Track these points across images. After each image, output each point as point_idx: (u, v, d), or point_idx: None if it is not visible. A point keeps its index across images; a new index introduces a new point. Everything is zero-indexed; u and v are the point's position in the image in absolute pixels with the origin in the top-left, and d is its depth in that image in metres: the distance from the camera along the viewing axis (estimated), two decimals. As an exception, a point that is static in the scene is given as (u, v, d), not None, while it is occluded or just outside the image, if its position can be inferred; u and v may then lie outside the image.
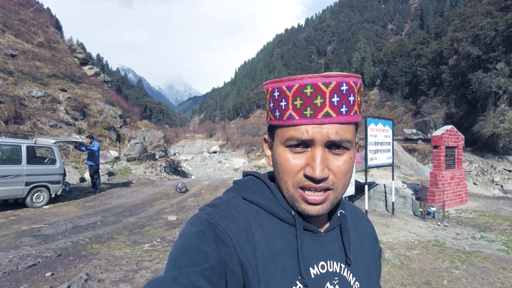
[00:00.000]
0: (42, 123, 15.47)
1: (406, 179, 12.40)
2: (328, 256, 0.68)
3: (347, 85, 0.60)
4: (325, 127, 0.59)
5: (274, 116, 0.64)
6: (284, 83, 0.61)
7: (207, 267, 0.53)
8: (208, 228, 0.59)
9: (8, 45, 20.14)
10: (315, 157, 0.59)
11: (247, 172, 0.78)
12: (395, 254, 4.88)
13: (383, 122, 7.36)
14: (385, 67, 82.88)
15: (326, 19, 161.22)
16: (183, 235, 0.59)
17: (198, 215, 0.64)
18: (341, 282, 0.68)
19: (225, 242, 0.59)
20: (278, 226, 0.66)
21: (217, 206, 0.65)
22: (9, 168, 7.41)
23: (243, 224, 0.63)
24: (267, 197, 0.69)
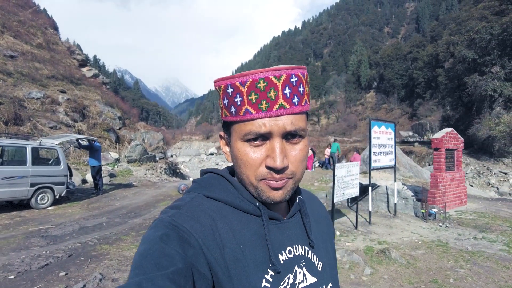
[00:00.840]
0: (42, 125, 15.44)
1: (405, 181, 12.54)
2: (293, 241, 0.71)
3: (296, 77, 0.63)
4: (281, 119, 0.62)
5: (229, 112, 0.64)
6: (236, 79, 0.62)
7: (173, 271, 0.52)
8: (172, 231, 0.58)
9: (7, 46, 20.08)
10: (275, 149, 0.62)
11: (206, 170, 0.77)
12: (400, 253, 4.98)
13: (386, 124, 7.48)
14: (381, 70, 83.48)
15: (323, 22, 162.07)
16: (146, 240, 0.57)
17: (161, 218, 0.62)
18: (307, 264, 0.72)
19: (191, 243, 0.58)
20: (244, 219, 0.67)
21: (180, 208, 0.65)
22: (15, 169, 7.43)
23: (209, 223, 0.63)
24: (230, 192, 0.69)
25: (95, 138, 10.40)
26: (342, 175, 5.82)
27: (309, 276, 0.71)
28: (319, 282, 0.73)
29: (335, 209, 8.20)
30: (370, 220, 6.89)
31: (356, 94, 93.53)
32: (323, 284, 0.73)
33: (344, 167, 5.93)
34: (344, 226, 6.64)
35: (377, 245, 5.46)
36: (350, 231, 6.32)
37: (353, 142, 54.19)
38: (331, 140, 57.07)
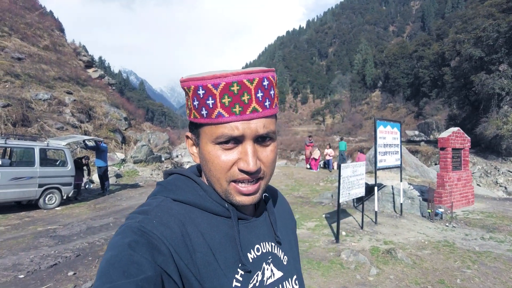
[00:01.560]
0: (49, 126, 15.61)
1: (411, 180, 12.46)
2: (260, 239, 0.72)
3: (268, 80, 0.64)
4: (254, 122, 0.62)
5: (200, 114, 0.63)
6: (208, 80, 0.60)
7: (142, 278, 0.50)
8: (141, 237, 0.56)
9: (14, 49, 20.32)
10: (247, 152, 0.62)
11: (171, 171, 0.76)
12: (407, 254, 4.97)
13: (392, 124, 7.45)
14: (386, 68, 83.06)
15: (327, 21, 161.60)
16: (114, 246, 0.55)
17: (128, 224, 0.59)
18: (274, 260, 0.73)
19: (161, 250, 0.57)
20: (214, 221, 0.67)
21: (148, 213, 0.62)
22: (23, 170, 7.53)
23: (178, 229, 0.61)
24: (198, 194, 0.68)
25: (101, 139, 10.52)
26: (347, 175, 5.81)
27: (276, 271, 0.73)
28: (285, 276, 0.75)
29: (341, 209, 8.19)
30: (376, 220, 6.87)
31: (361, 93, 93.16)
32: (288, 277, 0.76)
33: (349, 167, 5.91)
34: (350, 226, 6.63)
35: (383, 245, 5.45)
36: (356, 231, 6.31)
37: (358, 141, 53.99)
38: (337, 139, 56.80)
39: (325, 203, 9.10)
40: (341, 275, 4.19)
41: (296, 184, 12.34)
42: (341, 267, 4.41)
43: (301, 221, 7.14)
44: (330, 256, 4.88)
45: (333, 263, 4.58)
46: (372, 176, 10.75)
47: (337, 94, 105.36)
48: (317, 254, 5.00)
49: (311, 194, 10.58)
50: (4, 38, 20.93)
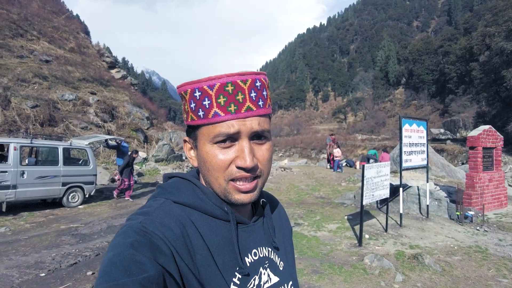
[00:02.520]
0: (74, 125, 16.07)
1: (437, 180, 11.96)
2: (258, 243, 0.74)
3: (260, 81, 0.67)
4: (249, 120, 0.64)
5: (197, 116, 0.65)
6: (204, 83, 0.64)
7: (145, 277, 0.50)
8: (143, 238, 0.57)
9: (43, 51, 21.08)
10: (244, 149, 0.64)
11: (170, 174, 0.77)
12: (435, 259, 4.69)
13: (418, 122, 7.12)
14: (410, 65, 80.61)
15: (349, 18, 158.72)
16: (116, 246, 0.55)
17: (130, 225, 0.60)
18: (270, 265, 0.75)
19: (162, 251, 0.57)
20: (213, 224, 0.68)
21: (149, 214, 0.63)
22: (48, 169, 7.72)
23: (179, 230, 0.62)
24: (198, 197, 0.69)
25: (122, 139, 10.66)
26: (371, 176, 5.57)
27: (272, 276, 0.75)
28: (281, 281, 0.76)
29: (364, 210, 7.91)
30: (401, 223, 6.58)
31: (384, 90, 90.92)
32: (284, 283, 0.77)
33: (373, 167, 5.67)
34: (373, 229, 6.38)
35: (408, 250, 5.18)
36: (380, 234, 6.05)
37: (381, 140, 52.77)
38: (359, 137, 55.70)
39: (347, 204, 8.84)
40: (365, 281, 3.99)
41: (316, 184, 12.09)
42: (364, 273, 4.21)
43: (322, 222, 6.94)
44: (352, 261, 4.68)
45: (356, 268, 4.38)
46: (396, 176, 10.38)
47: (359, 91, 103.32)
48: (339, 258, 4.81)
49: (333, 194, 10.32)
50: (33, 42, 21.75)
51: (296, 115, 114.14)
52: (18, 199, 7.26)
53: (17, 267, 4.29)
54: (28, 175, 7.27)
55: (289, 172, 14.31)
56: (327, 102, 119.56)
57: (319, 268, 4.39)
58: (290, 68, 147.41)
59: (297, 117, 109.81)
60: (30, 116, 14.43)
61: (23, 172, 7.20)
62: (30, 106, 14.96)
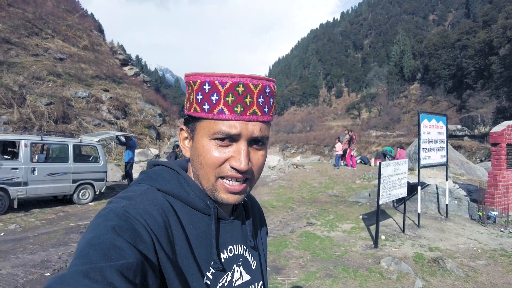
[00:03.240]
0: (87, 122, 16.18)
1: (456, 178, 11.50)
2: (234, 240, 0.75)
3: (269, 88, 0.67)
4: (251, 124, 0.64)
5: (201, 108, 0.64)
6: (216, 78, 0.63)
7: (123, 264, 0.48)
8: (125, 222, 0.55)
9: (57, 49, 21.31)
10: (241, 151, 0.63)
11: (156, 162, 0.76)
12: (457, 264, 4.40)
13: (437, 118, 6.77)
14: (426, 60, 78.74)
15: (362, 12, 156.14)
16: (96, 228, 0.53)
17: (113, 208, 0.58)
18: (244, 263, 0.76)
19: (143, 238, 0.55)
20: (193, 216, 0.68)
21: (133, 199, 0.62)
22: (58, 166, 7.70)
23: (161, 218, 0.61)
24: (183, 187, 0.69)
25: (132, 135, 10.56)
26: (388, 174, 5.29)
27: (244, 274, 0.75)
28: (252, 280, 0.77)
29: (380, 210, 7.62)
30: (419, 223, 6.27)
31: (399, 86, 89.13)
32: (255, 281, 0.78)
33: (390, 165, 5.39)
34: (390, 229, 6.10)
35: (428, 252, 4.90)
36: (397, 235, 5.77)
37: (396, 136, 51.81)
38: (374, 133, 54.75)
39: (362, 202, 8.55)
40: (381, 286, 3.75)
41: (330, 182, 11.81)
42: (381, 277, 3.96)
43: (335, 222, 6.69)
44: (368, 264, 4.44)
45: (372, 271, 4.13)
46: (413, 174, 10.00)
47: (373, 87, 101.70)
48: (354, 261, 4.58)
49: (347, 192, 10.03)
50: (48, 40, 22.02)
51: (309, 111, 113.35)
52: (29, 196, 7.26)
53: (23, 266, 4.22)
54: (38, 172, 7.26)
55: (301, 169, 14.05)
56: (341, 98, 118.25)
57: (333, 271, 4.17)
58: (303, 64, 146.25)
59: (310, 113, 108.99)
60: (45, 113, 14.57)
61: (34, 169, 7.19)
62: (44, 103, 15.12)
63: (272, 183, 11.74)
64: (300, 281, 3.89)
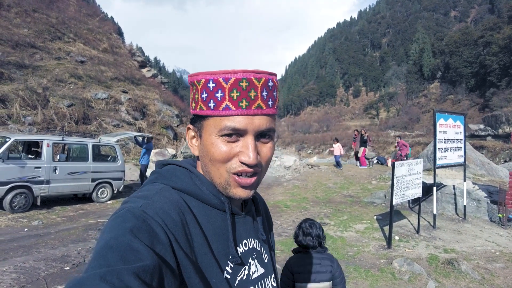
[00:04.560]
0: (106, 123, 16.63)
1: (476, 179, 11.18)
2: (247, 235, 0.76)
3: (272, 82, 0.68)
4: (257, 118, 0.65)
5: (207, 106, 0.65)
6: (219, 75, 0.64)
7: (140, 267, 0.48)
8: (142, 224, 0.55)
9: (78, 53, 22.00)
10: (248, 145, 0.65)
11: (165, 161, 0.77)
12: (473, 266, 4.31)
13: (454, 117, 6.63)
14: (447, 58, 76.58)
15: (380, 10, 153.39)
16: (113, 229, 0.53)
17: (130, 208, 0.58)
18: (257, 256, 0.78)
19: (160, 239, 0.55)
20: (209, 212, 0.68)
21: (149, 198, 0.62)
22: (78, 165, 7.98)
23: (178, 217, 0.61)
24: (196, 185, 0.69)
25: (150, 135, 10.79)
26: (402, 174, 5.23)
27: (259, 268, 0.77)
28: (266, 273, 0.79)
29: (395, 210, 7.52)
30: (434, 224, 6.16)
31: (418, 85, 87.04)
32: (268, 274, 0.80)
33: (404, 165, 5.32)
34: (404, 230, 6.02)
35: (442, 254, 4.81)
36: (411, 236, 5.69)
37: (415, 136, 50.64)
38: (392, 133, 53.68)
39: (377, 203, 8.45)
40: (393, 287, 3.72)
41: (345, 182, 11.71)
42: (393, 277, 3.93)
43: (349, 222, 6.65)
44: (380, 264, 4.41)
45: (384, 272, 4.11)
46: (430, 174, 9.79)
47: (391, 86, 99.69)
48: (366, 261, 4.55)
49: (362, 193, 9.93)
50: (69, 44, 22.77)
51: (326, 111, 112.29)
52: (51, 194, 7.55)
53: (44, 259, 4.42)
54: (60, 171, 7.55)
55: (316, 169, 13.98)
56: (358, 97, 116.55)
57: (344, 271, 4.16)
58: (319, 64, 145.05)
59: (327, 113, 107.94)
60: (66, 114, 15.08)
61: (55, 168, 7.48)
62: (66, 105, 15.65)
63: (287, 183, 11.75)
64: (310, 280, 3.91)
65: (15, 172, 6.86)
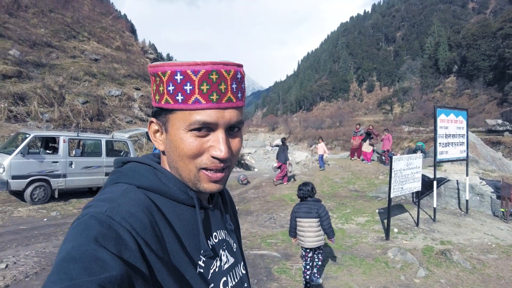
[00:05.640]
0: (120, 120, 17.13)
1: (486, 175, 11.11)
2: (216, 227, 0.76)
3: (240, 74, 0.67)
4: (228, 112, 0.64)
5: (174, 100, 0.62)
6: (187, 67, 0.61)
7: (106, 277, 0.45)
8: (108, 230, 0.52)
9: (92, 51, 22.60)
10: (220, 140, 0.63)
11: (125, 159, 0.72)
12: (465, 257, 4.46)
13: (456, 112, 6.70)
14: (463, 51, 74.76)
15: (395, 4, 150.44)
16: (76, 237, 0.49)
17: (94, 213, 0.54)
18: (227, 247, 0.78)
19: (128, 246, 0.52)
20: (177, 209, 0.67)
21: (114, 201, 0.58)
22: (92, 160, 8.38)
23: (147, 219, 0.58)
24: (162, 181, 0.67)
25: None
26: (400, 168, 5.38)
27: (229, 257, 0.78)
28: (235, 262, 0.80)
29: (397, 204, 7.66)
30: (434, 217, 6.28)
31: (433, 79, 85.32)
32: (238, 263, 0.81)
33: (403, 159, 5.47)
34: (404, 223, 6.17)
35: (438, 245, 4.96)
36: (410, 228, 5.84)
37: (430, 132, 49.79)
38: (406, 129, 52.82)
39: (382, 197, 8.58)
40: (384, 274, 3.92)
41: (352, 177, 11.83)
42: (386, 266, 4.13)
43: (351, 215, 6.84)
44: (376, 254, 4.60)
45: (378, 261, 4.30)
46: (438, 169, 9.81)
47: (406, 81, 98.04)
48: (362, 251, 4.75)
49: (368, 188, 10.06)
50: (84, 42, 23.40)
51: (339, 106, 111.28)
52: (68, 187, 7.98)
53: (61, 247, 4.78)
54: (75, 165, 7.96)
55: (330, 165, 14.11)
56: (372, 92, 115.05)
57: (340, 259, 4.38)
58: (332, 58, 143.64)
59: (339, 108, 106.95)
60: (81, 111, 15.62)
61: (71, 163, 7.89)
62: (81, 102, 16.19)
63: (294, 178, 11.95)
64: (306, 267, 4.14)
65: (34, 166, 7.30)
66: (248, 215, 6.93)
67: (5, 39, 17.98)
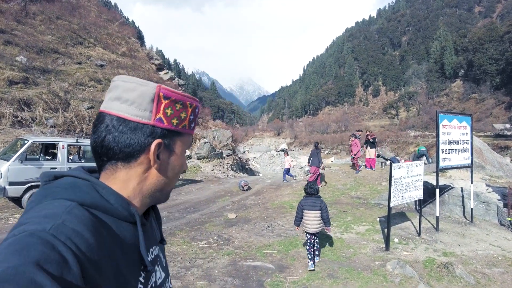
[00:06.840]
0: (123, 125, 17.17)
1: (492, 181, 10.84)
2: (151, 242, 0.77)
3: (197, 109, 0.79)
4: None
5: (190, 127, 0.76)
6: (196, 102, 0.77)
7: None
8: (51, 251, 0.48)
9: (98, 57, 22.79)
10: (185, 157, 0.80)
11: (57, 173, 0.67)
12: (469, 270, 4.27)
13: (459, 118, 6.53)
14: (470, 55, 74.16)
15: (400, 8, 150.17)
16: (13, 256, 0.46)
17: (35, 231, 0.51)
18: (160, 261, 0.80)
19: (71, 268, 0.49)
20: (119, 226, 0.65)
21: (58, 218, 0.54)
22: (90, 165, 8.34)
23: (93, 238, 0.56)
24: (104, 198, 0.65)
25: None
26: (400, 176, 5.22)
27: (162, 272, 0.80)
28: (166, 276, 0.82)
29: (399, 212, 7.47)
30: (437, 227, 6.09)
31: (439, 84, 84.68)
32: (167, 277, 0.83)
33: (403, 167, 5.31)
34: (405, 232, 5.98)
35: (441, 257, 4.78)
36: (411, 238, 5.66)
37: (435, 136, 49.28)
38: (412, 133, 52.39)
39: (384, 205, 8.38)
40: (382, 288, 3.76)
41: (355, 183, 11.64)
42: (384, 280, 3.97)
43: (351, 224, 6.67)
44: (374, 266, 4.44)
45: (376, 274, 4.14)
46: (443, 175, 9.60)
47: (412, 85, 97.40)
48: (361, 263, 4.59)
49: (370, 194, 9.87)
50: (90, 48, 23.63)
51: (345, 111, 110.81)
52: (66, 194, 7.94)
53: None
54: (74, 171, 7.93)
55: (327, 170, 13.94)
56: (378, 97, 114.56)
57: (336, 272, 4.23)
58: (338, 63, 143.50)
59: (345, 113, 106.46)
60: (86, 117, 15.69)
61: (69, 169, 7.86)
62: (86, 107, 16.26)
63: (296, 184, 11.80)
64: (301, 280, 3.99)
65: (32, 172, 7.26)
66: (246, 223, 6.80)
67: (12, 46, 18.22)
